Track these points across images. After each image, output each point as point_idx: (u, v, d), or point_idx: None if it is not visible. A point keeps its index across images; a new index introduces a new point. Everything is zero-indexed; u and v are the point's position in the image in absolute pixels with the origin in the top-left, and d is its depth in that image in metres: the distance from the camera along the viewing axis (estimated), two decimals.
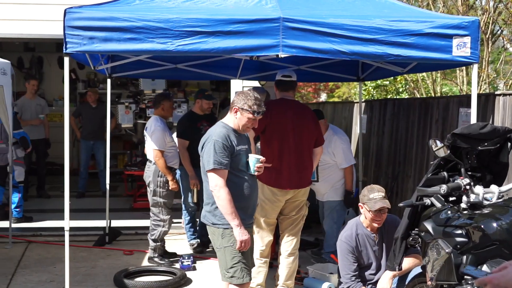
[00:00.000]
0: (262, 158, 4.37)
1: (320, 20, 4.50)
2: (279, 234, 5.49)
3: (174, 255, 6.78)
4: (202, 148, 4.25)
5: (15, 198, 8.06)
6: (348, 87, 19.53)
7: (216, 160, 4.11)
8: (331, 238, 6.36)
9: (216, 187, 4.13)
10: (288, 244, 5.35)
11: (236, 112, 4.26)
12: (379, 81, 14.06)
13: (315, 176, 6.20)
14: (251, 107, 4.21)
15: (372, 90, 14.94)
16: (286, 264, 5.33)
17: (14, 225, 7.68)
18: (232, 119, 4.30)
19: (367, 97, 14.48)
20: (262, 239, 5.26)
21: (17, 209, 8.17)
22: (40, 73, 13.25)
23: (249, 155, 4.34)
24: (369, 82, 13.89)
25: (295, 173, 5.20)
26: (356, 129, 9.10)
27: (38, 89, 10.42)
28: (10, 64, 7.11)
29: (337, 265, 4.97)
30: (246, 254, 4.28)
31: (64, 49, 4.53)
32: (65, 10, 4.49)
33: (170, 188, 6.49)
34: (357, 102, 9.02)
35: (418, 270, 4.22)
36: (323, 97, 23.47)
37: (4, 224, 7.77)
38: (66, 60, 4.74)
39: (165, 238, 6.70)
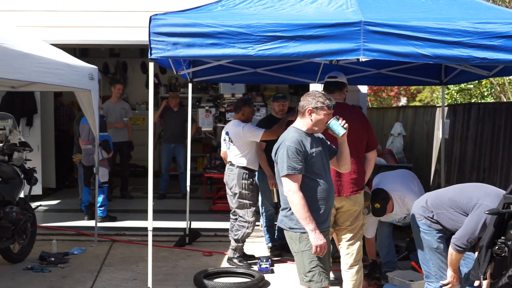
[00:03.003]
0: (338, 117, 4.26)
1: (402, 23, 4.42)
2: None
3: (252, 257, 6.84)
4: (276, 153, 4.27)
5: (99, 198, 8.35)
6: (430, 91, 19.05)
7: (290, 165, 4.11)
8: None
9: (289, 192, 4.14)
10: (348, 256, 5.13)
11: (310, 113, 4.24)
12: (462, 85, 13.61)
13: None
14: (324, 103, 4.20)
15: (456, 94, 14.49)
16: (350, 277, 5.11)
17: (99, 224, 7.98)
18: (306, 122, 4.28)
19: (450, 101, 14.07)
20: None
21: (101, 208, 8.47)
22: (124, 77, 13.69)
23: (328, 121, 4.23)
24: (452, 85, 13.49)
25: (339, 180, 4.99)
26: (438, 134, 8.86)
27: (123, 93, 10.77)
28: (97, 69, 7.39)
29: (418, 273, 4.85)
30: (324, 258, 4.25)
31: (149, 54, 4.66)
32: (150, 17, 4.62)
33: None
34: (439, 107, 8.77)
35: None
36: (403, 101, 23.01)
37: (91, 223, 8.10)
38: (151, 65, 4.89)
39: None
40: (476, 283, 4.17)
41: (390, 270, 6.00)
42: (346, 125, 4.28)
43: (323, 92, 4.32)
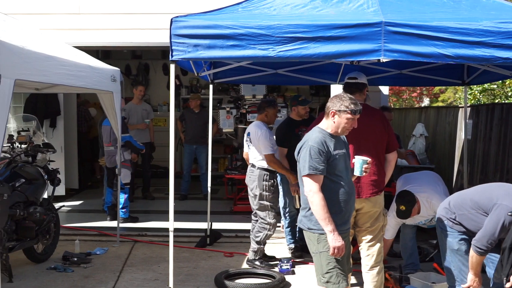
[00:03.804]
0: (369, 159, 4.31)
1: (422, 23, 4.38)
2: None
3: (273, 258, 6.84)
4: (299, 153, 4.28)
5: (121, 199, 8.40)
6: (453, 92, 18.87)
7: (311, 165, 4.12)
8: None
9: (310, 192, 4.14)
10: (369, 258, 5.13)
11: (333, 115, 4.25)
12: (486, 85, 13.45)
13: None
14: (348, 107, 4.19)
15: (479, 94, 14.33)
16: (370, 279, 5.11)
17: (121, 225, 8.04)
18: (330, 124, 4.29)
19: (472, 101, 13.93)
20: None
21: (123, 210, 8.54)
22: (146, 79, 13.80)
23: (356, 156, 4.31)
24: (475, 86, 13.35)
25: (358, 182, 4.94)
26: (461, 135, 8.79)
27: (144, 95, 10.86)
28: (119, 71, 7.45)
29: (440, 275, 4.79)
30: (342, 260, 4.24)
31: (170, 56, 4.69)
32: (171, 19, 4.65)
33: (292, 188, 6.58)
34: (462, 107, 8.70)
35: None
36: (426, 101, 22.83)
37: (113, 223, 8.17)
38: (172, 67, 4.92)
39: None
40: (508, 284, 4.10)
41: (412, 272, 5.96)
42: (366, 171, 4.31)
43: (350, 96, 4.29)
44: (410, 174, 6.37)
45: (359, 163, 4.27)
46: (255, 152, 6.55)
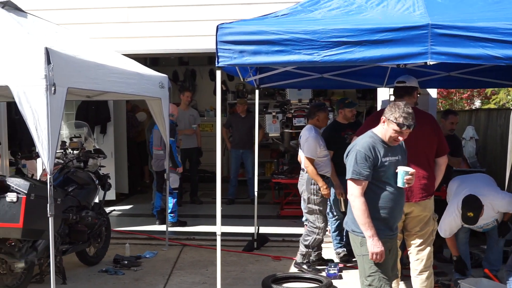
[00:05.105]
0: (411, 170, 4.22)
1: (470, 24, 4.30)
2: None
3: (330, 261, 6.82)
4: (347, 156, 4.28)
5: (170, 203, 8.53)
6: (505, 93, 18.38)
7: (355, 170, 4.11)
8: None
9: (351, 196, 4.15)
10: (418, 262, 5.08)
11: (384, 122, 4.22)
12: None
13: None
14: (397, 119, 4.13)
15: None
16: (419, 283, 5.07)
17: (170, 229, 8.17)
18: (381, 129, 4.26)
19: None
20: None
21: (172, 214, 8.66)
22: (193, 85, 13.95)
23: (398, 167, 4.23)
24: None
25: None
26: None
27: (192, 101, 10.97)
28: (167, 77, 7.57)
29: (492, 281, 4.70)
30: (385, 264, 4.20)
31: (216, 63, 4.75)
32: (217, 26, 4.70)
33: (322, 194, 6.51)
34: None
35: None
36: (477, 103, 22.31)
37: (162, 227, 8.30)
38: (218, 73, 4.98)
39: (320, 245, 6.78)
40: None
41: (462, 277, 5.85)
42: (409, 183, 4.22)
43: (407, 108, 4.18)
44: (464, 177, 6.25)
45: (401, 175, 4.19)
46: (303, 155, 6.56)
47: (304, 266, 6.61)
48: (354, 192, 4.13)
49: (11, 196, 5.25)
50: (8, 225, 5.27)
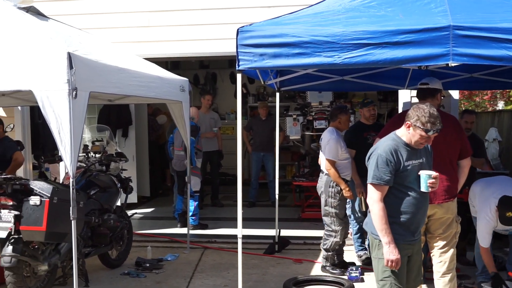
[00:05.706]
0: (434, 173, 4.14)
1: (492, 25, 4.24)
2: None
3: (352, 264, 6.78)
4: (368, 159, 4.24)
5: (191, 206, 8.56)
6: None
7: (376, 175, 4.06)
8: None
9: (370, 200, 4.11)
10: (440, 264, 5.03)
11: (409, 127, 4.12)
12: None
13: None
14: (424, 125, 4.03)
15: None
16: (442, 286, 5.02)
17: (191, 232, 8.19)
18: (405, 133, 4.17)
19: None
20: None
21: (193, 217, 8.69)
22: (213, 88, 14.00)
23: (420, 171, 4.14)
24: None
25: None
26: None
27: (212, 104, 11.00)
28: (188, 81, 7.61)
29: None
30: (400, 271, 4.14)
31: (236, 66, 4.76)
32: (238, 29, 4.72)
33: (344, 195, 6.48)
34: None
35: None
36: (500, 105, 22.04)
37: (183, 230, 8.33)
38: (239, 76, 4.99)
39: (342, 248, 6.75)
40: None
41: (486, 281, 5.78)
42: (433, 187, 4.14)
43: (432, 111, 4.09)
44: (487, 179, 6.17)
45: (424, 179, 4.12)
46: (323, 157, 6.55)
47: (329, 269, 6.59)
48: (374, 197, 4.09)
49: (34, 200, 5.32)
50: (32, 228, 5.33)
